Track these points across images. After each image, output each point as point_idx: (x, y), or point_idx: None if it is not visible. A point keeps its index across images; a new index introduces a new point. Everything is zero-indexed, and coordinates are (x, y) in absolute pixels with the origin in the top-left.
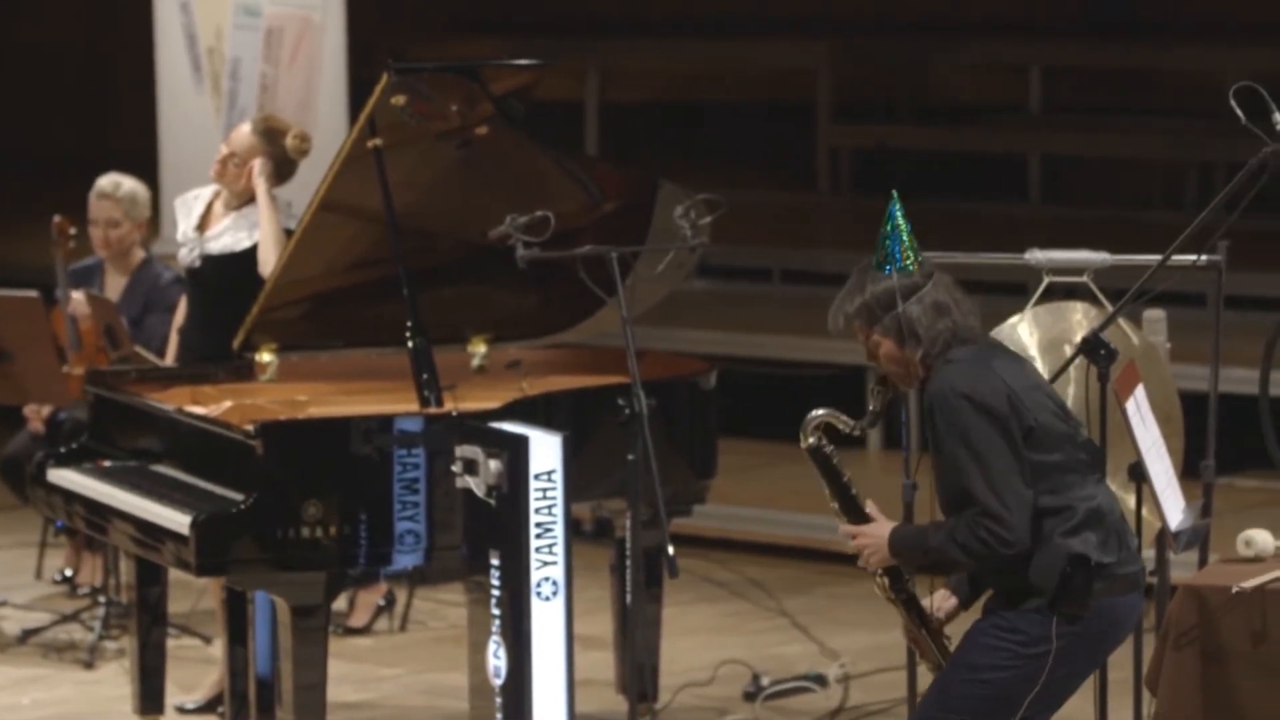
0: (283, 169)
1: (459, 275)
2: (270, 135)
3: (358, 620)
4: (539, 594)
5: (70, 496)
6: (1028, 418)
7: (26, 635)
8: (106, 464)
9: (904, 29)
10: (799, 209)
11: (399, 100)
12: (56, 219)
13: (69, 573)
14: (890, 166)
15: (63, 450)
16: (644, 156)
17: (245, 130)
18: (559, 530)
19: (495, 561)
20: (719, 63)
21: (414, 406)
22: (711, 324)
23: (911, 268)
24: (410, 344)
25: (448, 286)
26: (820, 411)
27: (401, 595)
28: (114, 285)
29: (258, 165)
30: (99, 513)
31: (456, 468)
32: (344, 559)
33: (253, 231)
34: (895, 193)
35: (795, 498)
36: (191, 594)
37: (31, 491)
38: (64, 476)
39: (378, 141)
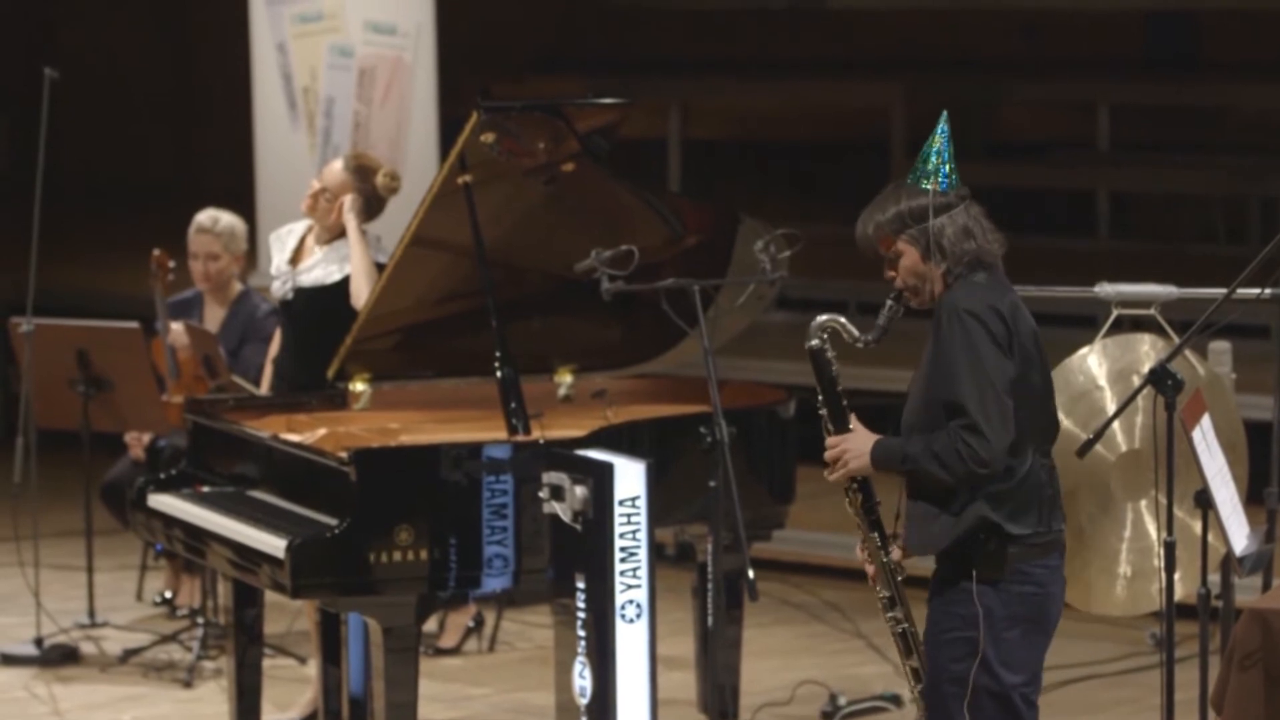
0: (372, 205)
1: (546, 307)
2: (361, 172)
3: (448, 641)
4: (623, 616)
5: (170, 521)
6: (1015, 358)
7: (127, 655)
8: (205, 489)
9: (975, 69)
10: None
11: (488, 138)
12: (156, 253)
13: (168, 595)
14: None
15: (162, 476)
16: (725, 192)
17: (337, 166)
18: (643, 554)
19: (581, 584)
20: (796, 101)
21: (502, 434)
22: (790, 354)
23: (948, 187)
24: (499, 374)
25: (535, 318)
26: (829, 317)
27: (490, 617)
28: (213, 317)
29: (348, 201)
30: (197, 537)
31: (543, 494)
32: (434, 582)
33: (343, 265)
34: (945, 113)
35: None
36: (287, 615)
37: (132, 516)
38: (163, 501)
39: (467, 178)
